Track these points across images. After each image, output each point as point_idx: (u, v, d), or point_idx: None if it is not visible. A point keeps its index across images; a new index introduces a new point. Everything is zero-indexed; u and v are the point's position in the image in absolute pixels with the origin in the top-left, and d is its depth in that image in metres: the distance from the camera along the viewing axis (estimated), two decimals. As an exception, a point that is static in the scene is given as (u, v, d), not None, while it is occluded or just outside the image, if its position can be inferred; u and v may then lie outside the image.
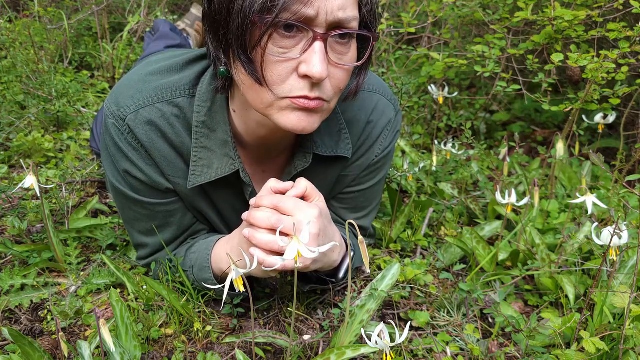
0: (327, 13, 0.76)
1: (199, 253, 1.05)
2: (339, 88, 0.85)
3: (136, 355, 0.94)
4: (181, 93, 0.96)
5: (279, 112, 0.84)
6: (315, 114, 0.85)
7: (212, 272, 1.02)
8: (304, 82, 0.80)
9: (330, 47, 0.80)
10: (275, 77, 0.81)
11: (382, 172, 1.16)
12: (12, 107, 1.94)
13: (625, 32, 1.40)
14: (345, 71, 0.84)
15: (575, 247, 1.28)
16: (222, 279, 1.03)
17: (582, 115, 1.70)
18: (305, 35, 0.78)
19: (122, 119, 0.94)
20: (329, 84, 0.83)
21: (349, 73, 0.86)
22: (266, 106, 0.84)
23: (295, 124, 0.84)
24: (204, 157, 0.98)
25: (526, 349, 1.02)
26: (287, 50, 0.79)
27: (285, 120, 0.84)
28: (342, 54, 0.82)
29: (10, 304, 1.10)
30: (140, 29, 2.56)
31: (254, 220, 0.90)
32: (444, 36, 2.02)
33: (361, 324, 1.00)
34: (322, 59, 0.78)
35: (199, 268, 1.04)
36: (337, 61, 0.82)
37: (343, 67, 0.83)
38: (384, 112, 1.09)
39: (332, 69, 0.82)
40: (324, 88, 0.82)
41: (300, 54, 0.79)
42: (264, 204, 0.91)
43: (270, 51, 0.79)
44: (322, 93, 0.82)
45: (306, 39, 0.78)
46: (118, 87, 0.98)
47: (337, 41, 0.80)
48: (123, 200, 1.04)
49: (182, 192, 1.03)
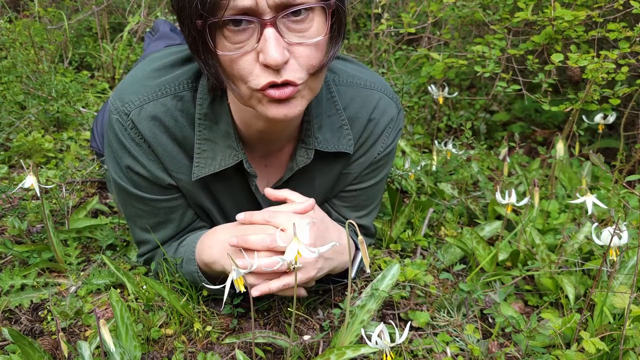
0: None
1: (187, 246, 1.06)
2: (310, 65, 0.82)
3: (136, 355, 0.94)
4: (184, 87, 0.96)
5: (258, 103, 0.85)
6: (293, 100, 0.84)
7: (197, 265, 1.03)
8: (267, 70, 0.80)
9: (286, 28, 0.79)
10: (242, 71, 0.81)
11: (384, 171, 1.16)
12: (12, 107, 1.94)
13: (625, 32, 1.40)
14: (312, 47, 0.81)
15: (575, 247, 1.28)
16: (209, 273, 1.04)
17: (582, 116, 1.70)
18: (256, 25, 0.77)
19: (126, 114, 0.95)
20: (296, 64, 0.81)
21: (318, 47, 0.82)
22: (246, 99, 0.85)
23: (275, 113, 0.84)
24: (207, 148, 0.99)
25: (526, 349, 1.02)
26: (242, 44, 0.79)
27: (265, 111, 0.85)
28: (301, 31, 0.80)
29: (10, 304, 1.10)
30: (140, 29, 2.56)
31: (249, 245, 0.92)
32: (444, 36, 2.02)
33: (361, 324, 1.00)
34: (275, 44, 0.76)
35: (186, 260, 1.05)
36: (297, 40, 0.80)
37: (306, 44, 0.80)
38: (385, 110, 1.09)
39: (295, 48, 0.80)
40: (290, 70, 0.80)
41: (255, 43, 0.78)
42: (256, 219, 0.94)
43: (227, 49, 0.79)
44: (289, 75, 0.80)
45: (257, 28, 0.77)
46: (122, 84, 0.99)
47: (291, 19, 0.78)
48: (125, 196, 1.05)
49: (184, 187, 1.04)
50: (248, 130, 0.99)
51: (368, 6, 2.91)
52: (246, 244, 0.92)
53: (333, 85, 1.05)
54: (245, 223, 0.98)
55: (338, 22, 0.85)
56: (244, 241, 0.92)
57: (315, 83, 0.87)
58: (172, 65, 0.99)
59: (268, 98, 0.82)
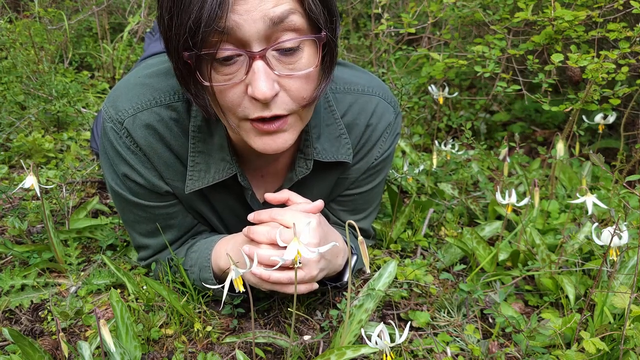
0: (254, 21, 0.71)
1: (200, 252, 1.05)
2: (301, 97, 0.80)
3: (136, 355, 0.94)
4: (179, 97, 0.95)
5: (247, 134, 0.84)
6: (282, 133, 0.82)
7: (212, 271, 1.02)
8: (256, 103, 0.78)
9: (276, 60, 0.76)
10: (229, 103, 0.79)
11: (381, 175, 1.15)
12: (13, 108, 1.94)
13: (625, 32, 1.40)
14: (302, 79, 0.79)
15: (575, 247, 1.28)
16: (222, 278, 1.03)
17: (582, 116, 1.70)
18: (245, 58, 0.75)
19: (121, 123, 0.93)
20: (285, 96, 0.79)
21: (309, 79, 0.80)
22: (235, 127, 0.84)
23: (264, 147, 0.83)
24: (201, 161, 0.98)
25: (526, 349, 1.02)
26: (231, 76, 0.77)
27: (253, 143, 0.84)
28: (291, 63, 0.77)
29: (10, 304, 1.10)
30: (140, 29, 2.57)
31: (254, 235, 0.91)
32: (444, 36, 2.02)
33: (360, 324, 1.00)
34: (264, 77, 0.74)
35: (200, 267, 1.04)
36: (287, 72, 0.77)
37: (296, 76, 0.78)
38: (383, 114, 1.08)
39: (285, 81, 0.78)
40: (278, 103, 0.79)
41: (244, 75, 0.76)
42: (263, 218, 0.93)
43: (215, 81, 0.77)
44: (278, 109, 0.79)
45: (246, 60, 0.75)
46: (115, 90, 0.97)
47: (281, 53, 0.76)
48: (123, 203, 1.04)
49: (181, 195, 1.03)
50: (242, 144, 0.98)
51: (368, 6, 2.92)
52: (252, 234, 0.91)
53: (330, 94, 1.03)
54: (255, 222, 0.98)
55: (330, 54, 0.83)
56: (251, 232, 0.92)
57: (307, 113, 0.85)
58: (166, 73, 0.96)
59: (255, 130, 0.81)
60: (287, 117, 0.81)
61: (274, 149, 0.84)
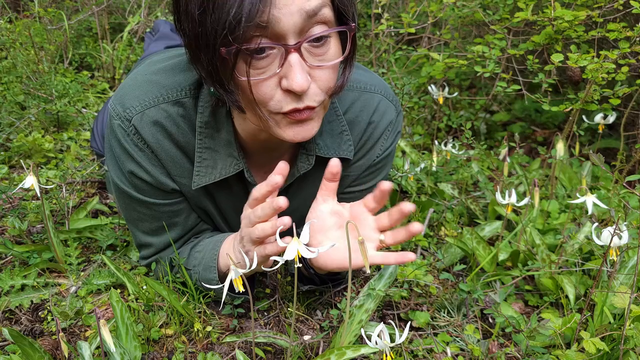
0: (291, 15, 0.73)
1: (204, 252, 1.05)
2: (328, 87, 0.83)
3: (136, 355, 0.94)
4: (186, 93, 0.95)
5: (276, 125, 0.84)
6: (310, 121, 0.85)
7: (218, 271, 1.02)
8: (289, 95, 0.79)
9: (308, 52, 0.79)
10: (261, 97, 0.80)
11: (382, 173, 1.16)
12: (12, 108, 1.94)
13: (625, 32, 1.40)
14: (330, 69, 0.82)
15: (575, 247, 1.28)
16: (224, 277, 1.03)
17: (582, 116, 1.70)
18: (279, 51, 0.77)
19: (128, 120, 0.94)
20: (316, 88, 0.82)
21: (335, 69, 0.84)
22: (263, 122, 0.85)
23: (293, 136, 0.84)
24: (208, 157, 0.98)
25: (526, 349, 1.02)
26: (264, 69, 0.78)
27: (283, 134, 0.85)
28: (321, 54, 0.80)
29: (10, 304, 1.10)
30: (140, 29, 2.57)
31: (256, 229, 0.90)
32: (444, 36, 2.02)
33: (360, 324, 1.00)
34: (300, 69, 0.76)
35: (204, 267, 1.04)
36: (318, 63, 0.80)
37: (326, 67, 0.81)
38: (385, 112, 1.09)
39: (315, 72, 0.80)
40: (311, 95, 0.81)
41: (278, 68, 0.77)
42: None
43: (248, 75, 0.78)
44: (310, 100, 0.81)
45: (280, 53, 0.77)
46: (123, 88, 0.98)
47: (313, 44, 0.78)
48: (127, 200, 1.04)
49: (187, 192, 1.03)
50: (250, 140, 0.99)
51: (368, 6, 2.92)
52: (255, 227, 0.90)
53: None
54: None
55: (353, 44, 0.85)
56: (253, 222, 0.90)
57: (328, 103, 0.88)
58: (172, 70, 0.97)
59: (287, 120, 0.83)
60: (315, 108, 0.83)
61: (304, 136, 0.85)
